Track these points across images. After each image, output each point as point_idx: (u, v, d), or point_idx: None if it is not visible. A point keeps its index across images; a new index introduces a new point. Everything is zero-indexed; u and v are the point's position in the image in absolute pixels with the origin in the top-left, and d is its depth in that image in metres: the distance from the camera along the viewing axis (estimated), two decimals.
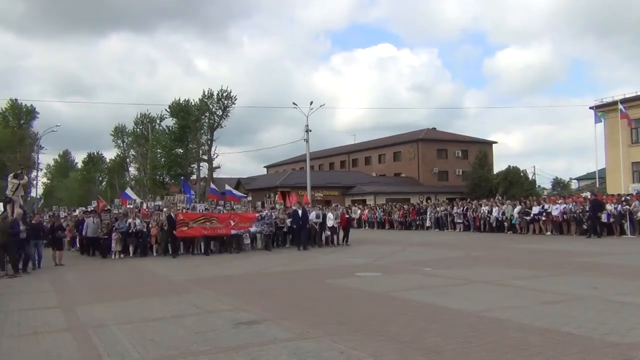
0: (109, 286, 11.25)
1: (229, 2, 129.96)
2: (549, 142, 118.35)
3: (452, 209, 29.04)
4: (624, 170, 31.51)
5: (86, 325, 7.10)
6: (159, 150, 56.49)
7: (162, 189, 51.90)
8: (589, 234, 20.10)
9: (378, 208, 35.74)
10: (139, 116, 61.65)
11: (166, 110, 53.46)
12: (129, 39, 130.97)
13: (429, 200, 39.16)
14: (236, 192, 25.12)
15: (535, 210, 23.29)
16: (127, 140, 66.93)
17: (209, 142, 52.12)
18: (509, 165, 47.99)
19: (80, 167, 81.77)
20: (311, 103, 34.93)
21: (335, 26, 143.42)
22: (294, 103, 35.62)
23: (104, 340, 6.14)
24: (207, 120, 51.92)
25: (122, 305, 8.69)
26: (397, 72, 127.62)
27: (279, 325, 6.68)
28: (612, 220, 20.65)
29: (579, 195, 27.05)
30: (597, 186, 36.30)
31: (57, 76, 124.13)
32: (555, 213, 22.47)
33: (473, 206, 27.87)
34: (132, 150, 65.96)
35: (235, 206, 21.30)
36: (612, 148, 33.25)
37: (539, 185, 52.60)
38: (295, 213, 19.22)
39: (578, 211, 21.54)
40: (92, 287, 11.37)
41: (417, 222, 31.19)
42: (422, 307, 7.65)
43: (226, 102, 51.23)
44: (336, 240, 20.61)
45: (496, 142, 68.17)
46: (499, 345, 5.43)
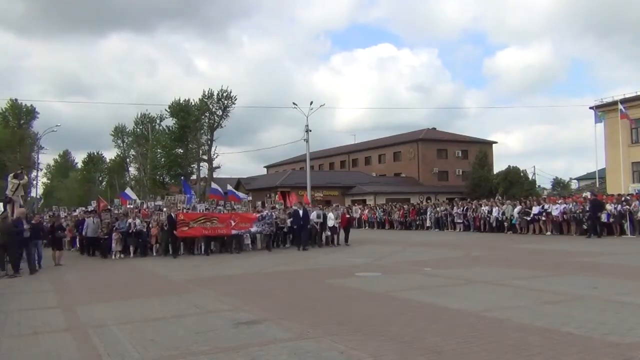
0: (109, 286, 11.25)
1: (229, 2, 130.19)
2: (549, 142, 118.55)
3: (452, 209, 29.04)
4: (624, 170, 31.52)
5: (86, 325, 7.10)
6: (159, 150, 56.55)
7: (162, 189, 51.92)
8: (589, 234, 20.10)
9: (378, 208, 35.73)
10: (139, 116, 61.82)
11: (166, 110, 53.61)
12: (129, 39, 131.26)
13: (429, 200, 39.16)
14: (239, 193, 25.08)
15: (535, 210, 23.29)
16: (127, 140, 67.05)
17: (209, 142, 52.18)
18: (509, 165, 48.08)
19: (80, 167, 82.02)
20: (311, 103, 34.94)
21: (335, 26, 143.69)
22: (294, 103, 35.63)
23: (104, 340, 6.14)
24: (207, 120, 51.98)
25: (122, 305, 8.69)
26: (397, 72, 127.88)
27: (279, 325, 6.68)
28: (612, 220, 20.66)
29: (579, 195, 27.05)
30: (597, 186, 36.30)
31: (57, 76, 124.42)
32: (555, 213, 22.48)
33: (473, 206, 27.87)
34: (132, 150, 66.06)
35: (236, 206, 21.32)
36: (612, 148, 33.25)
37: (539, 185, 52.64)
38: (296, 213, 19.21)
39: (578, 211, 21.55)
40: (92, 287, 11.38)
41: (417, 222, 31.18)
42: (422, 307, 7.65)
43: (226, 102, 51.31)
44: (336, 240, 20.61)
45: (496, 142, 68.34)
46: (499, 345, 5.43)
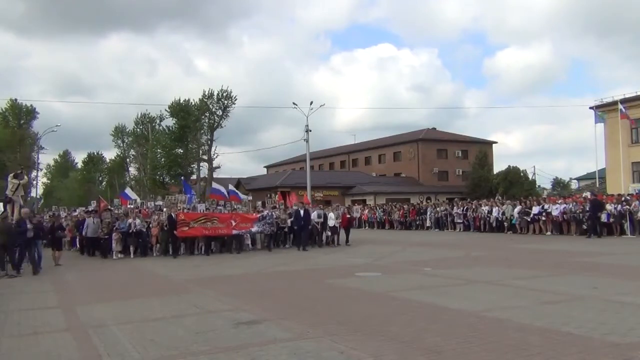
0: (109, 286, 11.25)
1: (229, 2, 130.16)
2: (549, 142, 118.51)
3: (452, 209, 29.04)
4: (624, 170, 31.52)
5: (86, 325, 7.10)
6: (159, 150, 56.58)
7: (162, 189, 51.95)
8: (589, 234, 20.10)
9: (378, 208, 35.73)
10: (139, 116, 61.84)
11: (166, 110, 53.63)
12: (129, 39, 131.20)
13: (429, 200, 39.15)
14: (242, 195, 24.91)
15: (535, 210, 23.29)
16: (127, 140, 67.07)
17: (209, 142, 52.22)
18: (509, 165, 48.06)
19: (80, 167, 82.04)
20: (311, 103, 34.92)
21: (335, 26, 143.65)
22: (294, 103, 35.62)
23: (104, 340, 6.14)
24: (207, 120, 52.02)
25: (122, 305, 8.69)
26: (397, 72, 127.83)
27: (279, 325, 6.68)
28: (612, 220, 20.66)
29: (579, 195, 27.05)
30: (597, 186, 36.31)
31: (57, 76, 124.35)
32: (555, 213, 22.48)
33: (473, 206, 27.87)
34: (132, 150, 66.07)
35: (236, 206, 21.26)
36: (612, 148, 33.26)
37: (539, 185, 52.60)
38: (297, 213, 19.21)
39: (578, 211, 21.55)
40: (92, 287, 11.37)
41: (417, 222, 31.18)
42: (422, 307, 7.65)
43: (226, 102, 51.36)
44: (336, 241, 20.60)
45: (496, 142, 68.33)
46: (499, 345, 5.43)
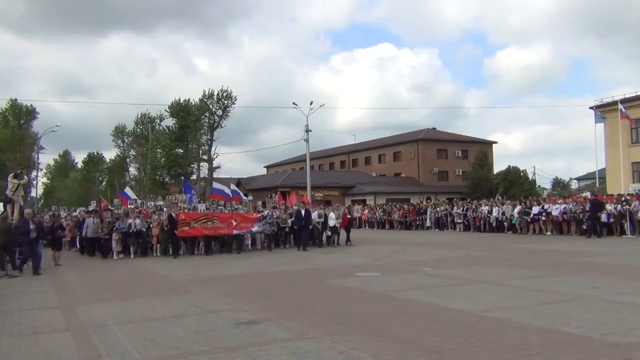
0: (109, 286, 11.25)
1: (229, 2, 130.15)
2: (549, 142, 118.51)
3: (452, 209, 29.04)
4: (624, 170, 31.52)
5: (86, 325, 7.10)
6: (159, 150, 56.61)
7: (162, 189, 51.98)
8: (589, 234, 20.10)
9: (378, 208, 35.74)
10: (139, 116, 61.84)
11: (166, 110, 53.64)
12: (129, 39, 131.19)
13: (429, 200, 39.15)
14: (244, 197, 24.80)
15: (535, 210, 23.29)
16: (127, 140, 67.09)
17: (209, 142, 52.23)
18: (509, 165, 48.07)
19: (80, 167, 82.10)
20: (311, 103, 34.94)
21: (335, 26, 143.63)
22: (294, 103, 35.64)
23: (104, 340, 6.14)
24: (207, 120, 52.03)
25: (122, 305, 8.69)
26: (397, 72, 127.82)
27: (279, 325, 6.68)
28: (612, 220, 20.67)
29: (579, 195, 27.05)
30: (597, 186, 36.30)
31: (57, 76, 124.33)
32: (555, 213, 22.48)
33: (473, 206, 27.87)
34: (132, 150, 66.07)
35: (237, 206, 21.22)
36: (612, 148, 33.26)
37: (539, 185, 52.61)
38: (298, 213, 19.21)
39: (578, 211, 21.55)
40: (92, 287, 11.37)
41: (417, 222, 31.18)
42: (422, 307, 7.65)
43: (226, 102, 51.38)
44: (337, 240, 20.59)
45: (496, 142, 68.30)
46: (499, 345, 5.42)
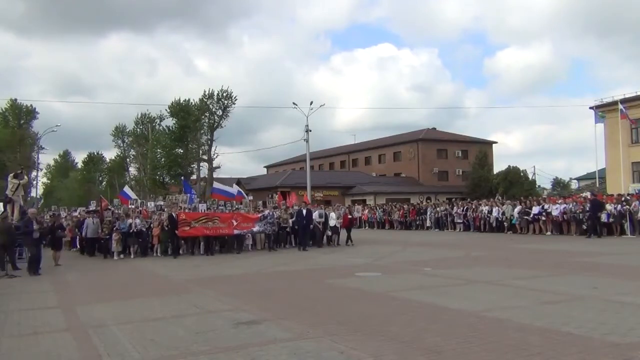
0: (109, 286, 11.25)
1: (229, 2, 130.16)
2: (549, 142, 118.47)
3: (452, 209, 29.04)
4: (624, 170, 31.52)
5: (86, 325, 7.10)
6: (159, 150, 56.60)
7: (162, 189, 51.98)
8: (589, 234, 20.10)
9: (378, 208, 35.73)
10: (139, 116, 61.86)
11: (166, 110, 53.64)
12: (129, 39, 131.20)
13: (429, 200, 39.15)
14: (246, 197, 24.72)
15: (535, 210, 23.29)
16: (127, 140, 67.07)
17: (209, 142, 52.22)
18: (509, 165, 48.08)
19: (80, 167, 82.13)
20: (311, 103, 34.96)
21: (335, 26, 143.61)
22: (294, 103, 35.66)
23: (104, 340, 6.14)
24: (207, 120, 52.01)
25: (122, 305, 8.69)
26: (397, 72, 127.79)
27: (279, 325, 6.68)
28: (612, 220, 20.67)
29: (579, 195, 27.05)
30: (597, 186, 36.30)
31: (57, 76, 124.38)
32: (555, 213, 22.48)
33: (473, 206, 27.87)
34: (132, 150, 66.07)
35: (237, 206, 21.18)
36: (612, 148, 33.27)
37: (539, 185, 52.60)
38: (299, 212, 19.20)
39: (578, 211, 21.55)
40: (92, 287, 11.37)
41: (417, 222, 31.19)
42: (422, 307, 7.65)
43: (226, 102, 51.37)
44: (337, 240, 20.58)
45: (496, 142, 68.29)
46: (499, 345, 5.42)
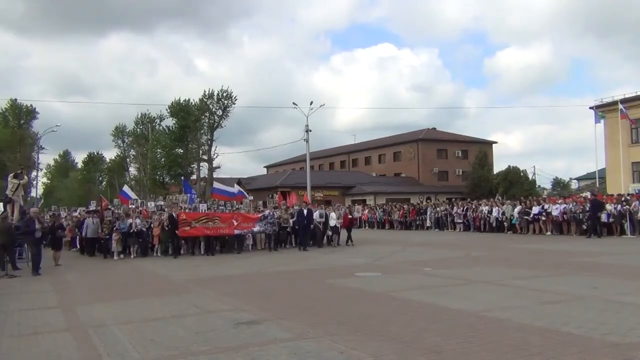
0: (109, 286, 11.25)
1: (229, 2, 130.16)
2: (549, 142, 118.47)
3: (452, 209, 29.04)
4: (624, 170, 31.53)
5: (86, 325, 7.10)
6: (159, 150, 56.61)
7: (162, 189, 51.97)
8: (589, 234, 20.10)
9: (378, 208, 35.73)
10: (139, 116, 61.86)
11: (166, 110, 53.64)
12: (129, 39, 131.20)
13: (429, 200, 39.15)
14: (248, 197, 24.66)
15: (535, 210, 23.29)
16: (127, 140, 67.08)
17: (209, 142, 52.22)
18: (509, 165, 48.07)
19: (80, 167, 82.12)
20: (311, 103, 34.96)
21: (335, 26, 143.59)
22: (294, 103, 35.65)
23: (104, 340, 6.14)
24: (207, 120, 52.02)
25: (122, 305, 8.69)
26: (397, 72, 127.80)
27: (279, 325, 6.68)
28: (612, 220, 20.67)
29: (579, 195, 27.05)
30: (597, 186, 36.31)
31: (57, 76, 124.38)
32: (555, 213, 22.48)
33: (473, 206, 27.87)
34: (132, 150, 66.07)
35: (237, 206, 21.17)
36: (612, 148, 33.27)
37: (539, 185, 52.60)
38: (300, 212, 19.20)
39: (578, 211, 21.55)
40: (92, 287, 11.37)
41: (417, 222, 31.19)
42: (422, 307, 7.65)
43: (226, 102, 51.38)
44: (337, 240, 20.58)
45: (496, 142, 68.31)
46: (499, 345, 5.42)
